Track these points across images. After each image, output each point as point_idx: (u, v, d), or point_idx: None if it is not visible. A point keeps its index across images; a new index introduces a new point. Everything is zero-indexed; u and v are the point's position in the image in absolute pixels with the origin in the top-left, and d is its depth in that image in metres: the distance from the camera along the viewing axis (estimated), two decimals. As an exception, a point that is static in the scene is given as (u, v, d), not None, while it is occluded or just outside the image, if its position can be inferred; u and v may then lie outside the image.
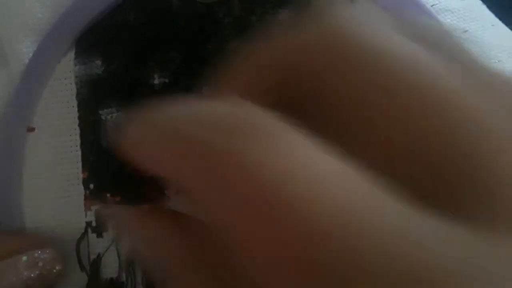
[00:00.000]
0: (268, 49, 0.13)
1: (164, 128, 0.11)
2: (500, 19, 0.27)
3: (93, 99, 0.26)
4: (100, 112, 0.26)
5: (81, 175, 0.27)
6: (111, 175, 0.27)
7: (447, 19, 0.26)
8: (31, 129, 0.27)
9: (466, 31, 0.26)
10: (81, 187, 0.27)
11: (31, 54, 0.26)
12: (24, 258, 0.24)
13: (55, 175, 0.27)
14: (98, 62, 0.26)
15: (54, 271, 0.25)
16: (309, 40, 0.12)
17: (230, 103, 0.11)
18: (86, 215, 0.27)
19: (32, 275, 0.24)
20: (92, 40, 0.26)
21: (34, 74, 0.26)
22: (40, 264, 0.24)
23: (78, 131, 0.26)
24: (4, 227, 0.27)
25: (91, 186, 0.27)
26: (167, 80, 0.26)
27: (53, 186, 0.27)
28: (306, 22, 0.13)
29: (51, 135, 0.26)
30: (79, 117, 0.26)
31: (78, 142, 0.26)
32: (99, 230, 0.27)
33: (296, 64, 0.13)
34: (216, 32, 0.26)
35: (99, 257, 0.27)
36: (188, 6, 0.26)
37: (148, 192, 0.27)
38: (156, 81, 0.26)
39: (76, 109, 0.26)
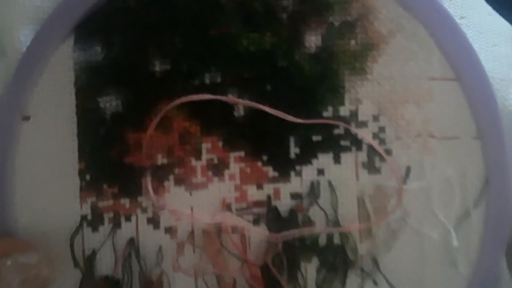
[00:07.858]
0: None
1: None
2: (497, 11, 0.28)
3: (92, 86, 0.26)
4: (99, 99, 0.26)
5: (77, 166, 0.26)
6: (109, 166, 0.26)
7: (444, 5, 0.26)
8: (26, 118, 0.26)
9: (463, 17, 0.26)
10: (77, 178, 0.26)
11: (28, 43, 0.26)
12: (9, 262, 0.23)
13: (50, 165, 0.25)
14: (98, 48, 0.26)
15: (41, 276, 0.24)
16: None
17: None
18: (81, 208, 0.26)
19: (17, 280, 0.23)
20: (92, 26, 0.26)
21: (30, 61, 0.25)
22: (26, 268, 0.23)
23: (75, 119, 0.26)
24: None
25: (88, 177, 0.26)
26: (168, 67, 0.25)
27: (47, 176, 0.25)
28: None
29: (47, 123, 0.26)
30: (77, 105, 0.26)
31: (75, 131, 0.26)
32: (94, 224, 0.26)
33: None
34: (217, 17, 0.25)
35: (94, 253, 0.26)
36: (190, -8, 0.26)
37: (146, 183, 0.26)
38: (157, 68, 0.26)
39: (74, 96, 0.26)
